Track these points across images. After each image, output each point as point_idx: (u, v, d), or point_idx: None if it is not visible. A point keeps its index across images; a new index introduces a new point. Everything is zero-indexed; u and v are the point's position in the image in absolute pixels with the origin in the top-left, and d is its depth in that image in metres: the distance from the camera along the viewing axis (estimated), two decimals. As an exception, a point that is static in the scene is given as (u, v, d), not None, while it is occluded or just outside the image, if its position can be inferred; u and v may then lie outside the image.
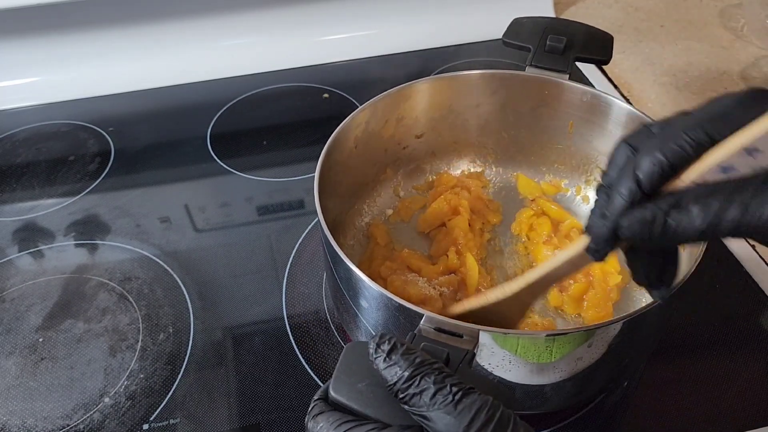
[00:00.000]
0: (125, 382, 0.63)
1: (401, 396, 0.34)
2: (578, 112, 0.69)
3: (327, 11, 1.05)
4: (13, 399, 0.63)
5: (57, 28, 0.99)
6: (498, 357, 0.47)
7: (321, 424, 0.35)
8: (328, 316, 0.68)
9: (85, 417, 0.61)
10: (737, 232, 0.33)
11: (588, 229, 0.40)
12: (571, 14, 1.16)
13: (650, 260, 0.42)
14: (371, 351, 0.36)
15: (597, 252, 0.40)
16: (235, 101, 0.99)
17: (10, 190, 0.87)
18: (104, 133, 0.95)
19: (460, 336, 0.43)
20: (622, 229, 0.37)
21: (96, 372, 0.65)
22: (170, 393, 0.62)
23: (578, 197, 0.74)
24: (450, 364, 0.39)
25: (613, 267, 0.64)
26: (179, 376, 0.64)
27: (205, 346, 0.66)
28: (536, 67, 0.68)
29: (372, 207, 0.74)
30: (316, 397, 0.38)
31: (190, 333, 0.67)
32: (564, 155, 0.74)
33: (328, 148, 0.61)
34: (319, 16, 1.05)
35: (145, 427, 0.60)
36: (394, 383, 0.34)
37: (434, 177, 0.77)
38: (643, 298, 0.64)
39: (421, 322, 0.44)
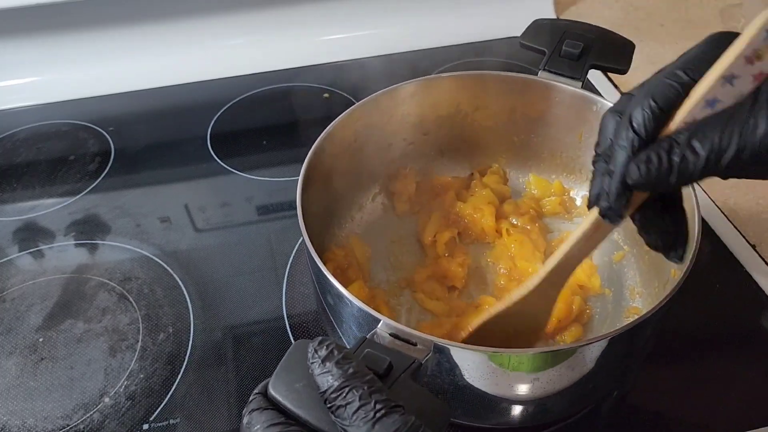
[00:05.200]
0: (125, 382, 0.63)
1: (329, 405, 0.35)
2: (589, 122, 0.67)
3: (327, 11, 1.05)
4: (13, 399, 0.63)
5: (57, 28, 0.99)
6: (445, 369, 0.47)
7: (253, 421, 0.36)
8: (328, 316, 0.68)
9: (85, 417, 0.61)
10: (738, 161, 0.35)
11: (593, 198, 0.41)
12: (572, 14, 1.16)
13: (661, 223, 0.42)
14: (309, 355, 0.36)
15: (612, 210, 0.40)
16: (235, 101, 0.98)
17: (10, 190, 0.87)
18: (104, 133, 0.95)
19: (414, 344, 0.43)
20: (631, 175, 0.38)
21: (96, 372, 0.65)
22: (170, 393, 0.62)
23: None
24: (392, 373, 0.39)
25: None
26: (179, 376, 0.64)
27: (205, 346, 0.66)
28: (549, 71, 0.67)
29: (375, 200, 0.75)
30: (256, 391, 0.38)
31: (190, 333, 0.67)
32: (574, 165, 0.73)
33: (321, 140, 0.61)
34: (319, 16, 1.05)
35: (145, 427, 0.60)
36: (325, 391, 0.35)
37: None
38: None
39: (378, 326, 0.44)
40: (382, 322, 0.45)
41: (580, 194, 0.74)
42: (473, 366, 0.47)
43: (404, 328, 0.44)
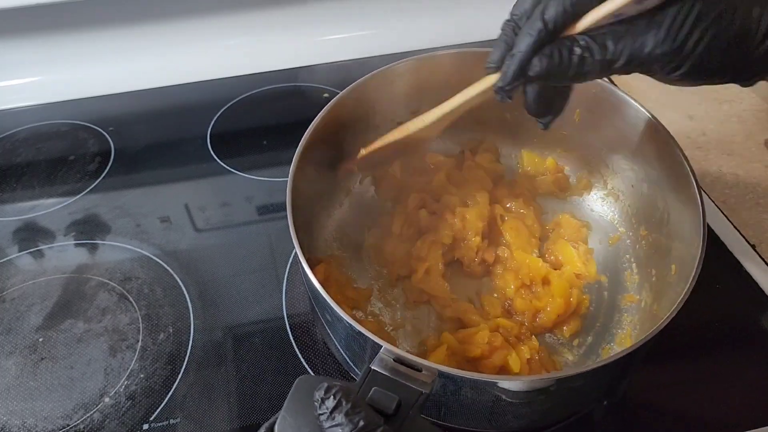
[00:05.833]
0: (125, 382, 0.63)
1: None
2: (585, 101, 0.67)
3: (327, 11, 1.05)
4: (13, 399, 0.63)
5: (57, 28, 0.99)
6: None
7: None
8: (328, 316, 0.68)
9: (85, 417, 0.61)
10: (629, 65, 0.40)
11: (492, 61, 0.46)
12: None
13: (543, 94, 0.48)
14: (316, 405, 0.36)
15: (504, 90, 0.45)
16: (235, 101, 0.98)
17: (10, 190, 0.87)
18: (104, 133, 0.95)
19: (419, 370, 0.43)
20: (532, 67, 0.42)
21: (96, 372, 0.65)
22: (170, 393, 0.62)
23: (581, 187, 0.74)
24: (401, 410, 0.38)
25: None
26: (179, 376, 0.64)
27: (205, 346, 0.66)
28: None
29: (362, 184, 0.75)
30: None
31: (190, 333, 0.67)
32: (569, 143, 0.73)
33: (306, 139, 0.61)
34: (318, 16, 1.05)
35: (145, 427, 0.60)
36: None
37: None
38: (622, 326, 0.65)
39: (380, 351, 0.44)
40: (383, 348, 0.44)
41: (574, 173, 0.74)
42: (476, 389, 0.48)
43: (408, 355, 0.43)
